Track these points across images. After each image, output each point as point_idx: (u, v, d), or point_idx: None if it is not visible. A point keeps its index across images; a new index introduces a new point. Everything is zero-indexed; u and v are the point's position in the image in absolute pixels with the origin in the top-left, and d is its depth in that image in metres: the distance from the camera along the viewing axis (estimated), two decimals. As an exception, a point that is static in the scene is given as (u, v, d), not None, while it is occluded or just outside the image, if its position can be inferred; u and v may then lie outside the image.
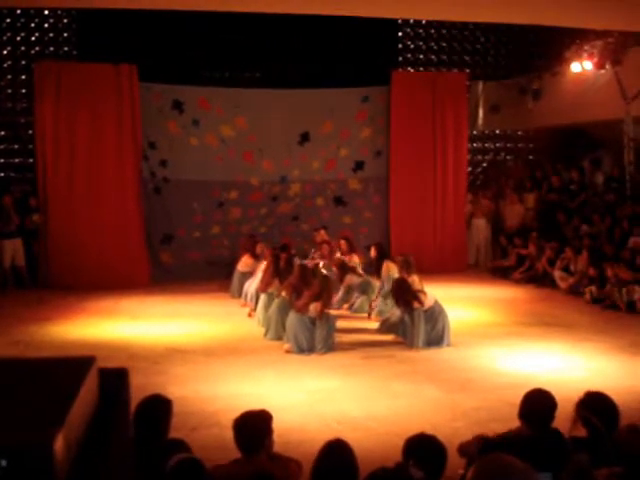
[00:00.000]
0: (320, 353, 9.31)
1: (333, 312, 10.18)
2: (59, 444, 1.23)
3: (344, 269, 12.04)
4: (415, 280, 10.06)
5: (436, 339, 9.68)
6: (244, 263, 13.09)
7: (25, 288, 13.69)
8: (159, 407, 4.33)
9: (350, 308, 11.98)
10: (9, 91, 14.97)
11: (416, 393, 7.74)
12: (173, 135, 14.72)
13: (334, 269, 12.28)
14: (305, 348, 9.37)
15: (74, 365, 1.57)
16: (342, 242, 12.89)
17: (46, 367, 1.61)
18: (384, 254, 12.04)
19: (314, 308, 9.50)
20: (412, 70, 16.85)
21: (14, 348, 9.40)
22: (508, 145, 18.14)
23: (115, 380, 1.78)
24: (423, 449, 3.91)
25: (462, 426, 6.61)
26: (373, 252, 12.05)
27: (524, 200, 16.56)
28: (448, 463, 3.94)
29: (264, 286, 11.11)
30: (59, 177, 13.98)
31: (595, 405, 4.25)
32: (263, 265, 12.19)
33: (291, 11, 10.33)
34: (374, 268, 12.03)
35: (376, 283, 11.88)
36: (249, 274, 12.66)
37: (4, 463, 1.23)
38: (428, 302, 9.77)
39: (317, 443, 4.08)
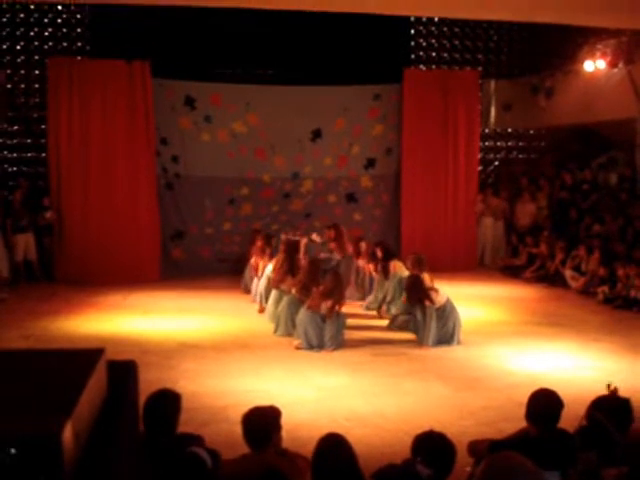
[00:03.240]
0: (330, 350, 9.32)
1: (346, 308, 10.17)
2: (67, 433, 1.24)
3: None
4: (426, 278, 10.06)
5: (446, 337, 9.67)
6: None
7: (37, 282, 13.80)
8: (167, 402, 4.34)
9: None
10: (22, 86, 15.03)
11: (425, 391, 7.74)
12: (185, 131, 14.75)
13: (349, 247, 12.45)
14: (315, 345, 9.39)
15: (83, 357, 1.58)
16: (330, 232, 12.90)
17: (56, 359, 1.63)
18: (390, 254, 12.00)
19: (325, 306, 9.51)
20: (424, 68, 16.78)
21: (25, 342, 9.46)
22: (520, 144, 18.06)
23: (124, 372, 1.79)
24: (432, 447, 3.91)
25: (471, 425, 6.62)
26: (379, 253, 11.99)
27: (536, 199, 16.50)
28: (456, 461, 3.94)
29: (276, 282, 11.13)
30: (72, 172, 14.05)
31: (607, 406, 4.23)
32: (263, 261, 12.27)
33: (303, 8, 10.34)
34: (381, 268, 11.98)
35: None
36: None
37: (13, 452, 1.24)
38: (440, 300, 9.76)
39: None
